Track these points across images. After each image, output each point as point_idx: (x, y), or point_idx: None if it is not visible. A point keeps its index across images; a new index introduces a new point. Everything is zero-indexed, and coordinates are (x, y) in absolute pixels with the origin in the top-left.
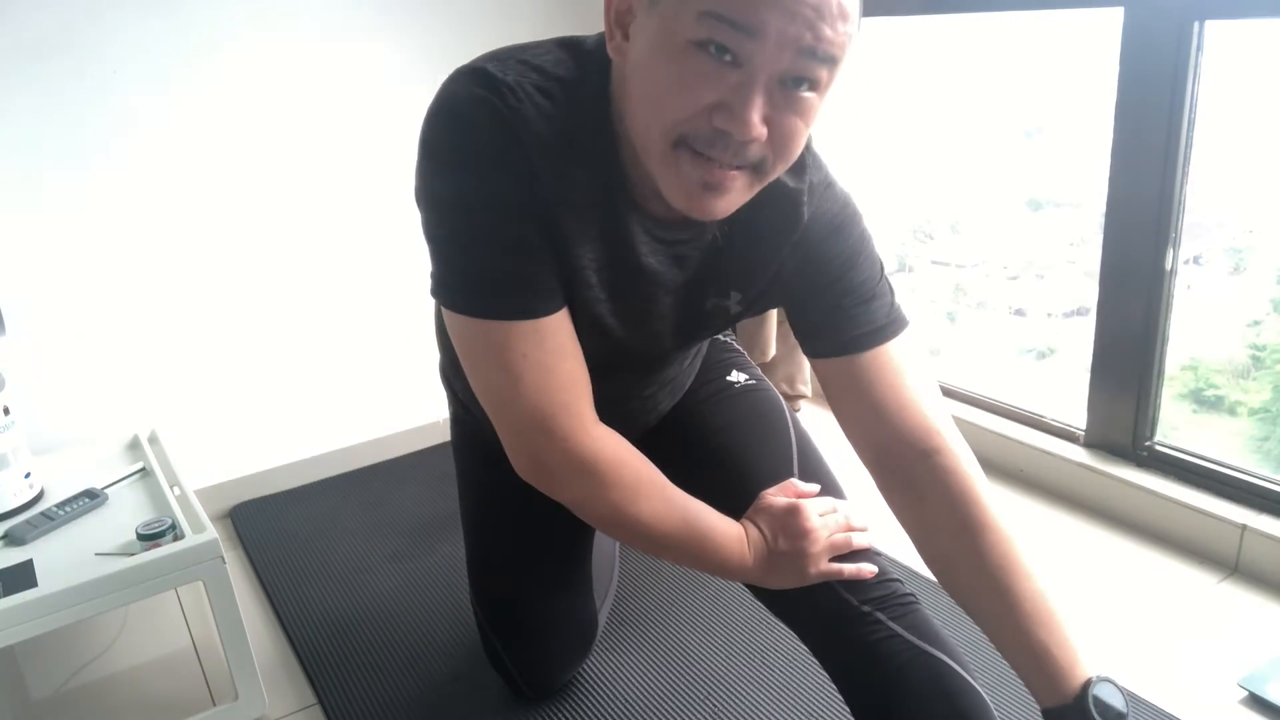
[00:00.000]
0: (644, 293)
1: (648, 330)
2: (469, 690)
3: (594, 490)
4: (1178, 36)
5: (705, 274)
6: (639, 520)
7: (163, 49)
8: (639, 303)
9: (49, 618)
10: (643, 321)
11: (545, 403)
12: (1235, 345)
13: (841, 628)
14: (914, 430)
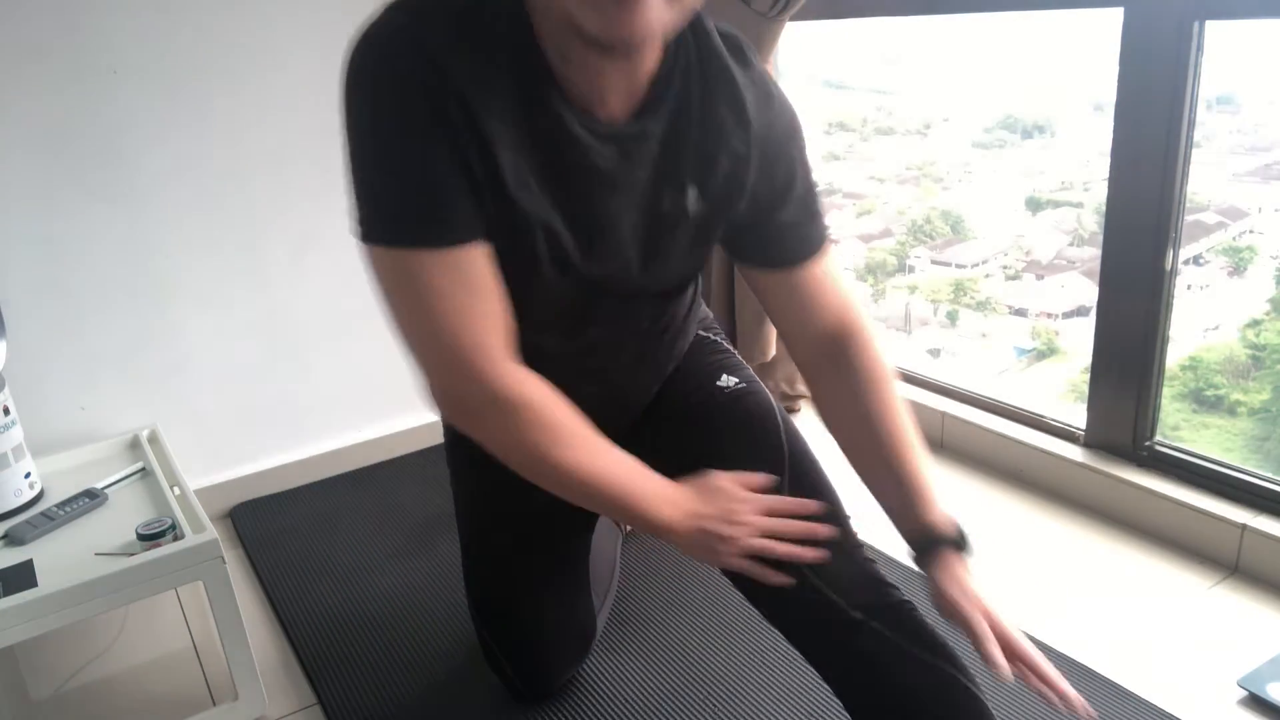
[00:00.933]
0: (595, 196)
1: (608, 245)
2: (469, 690)
3: (515, 431)
4: (1178, 36)
5: (657, 169)
6: (561, 466)
7: (163, 49)
8: (590, 207)
9: (49, 618)
10: (600, 232)
11: (463, 337)
12: (1235, 345)
13: (837, 635)
14: (844, 326)
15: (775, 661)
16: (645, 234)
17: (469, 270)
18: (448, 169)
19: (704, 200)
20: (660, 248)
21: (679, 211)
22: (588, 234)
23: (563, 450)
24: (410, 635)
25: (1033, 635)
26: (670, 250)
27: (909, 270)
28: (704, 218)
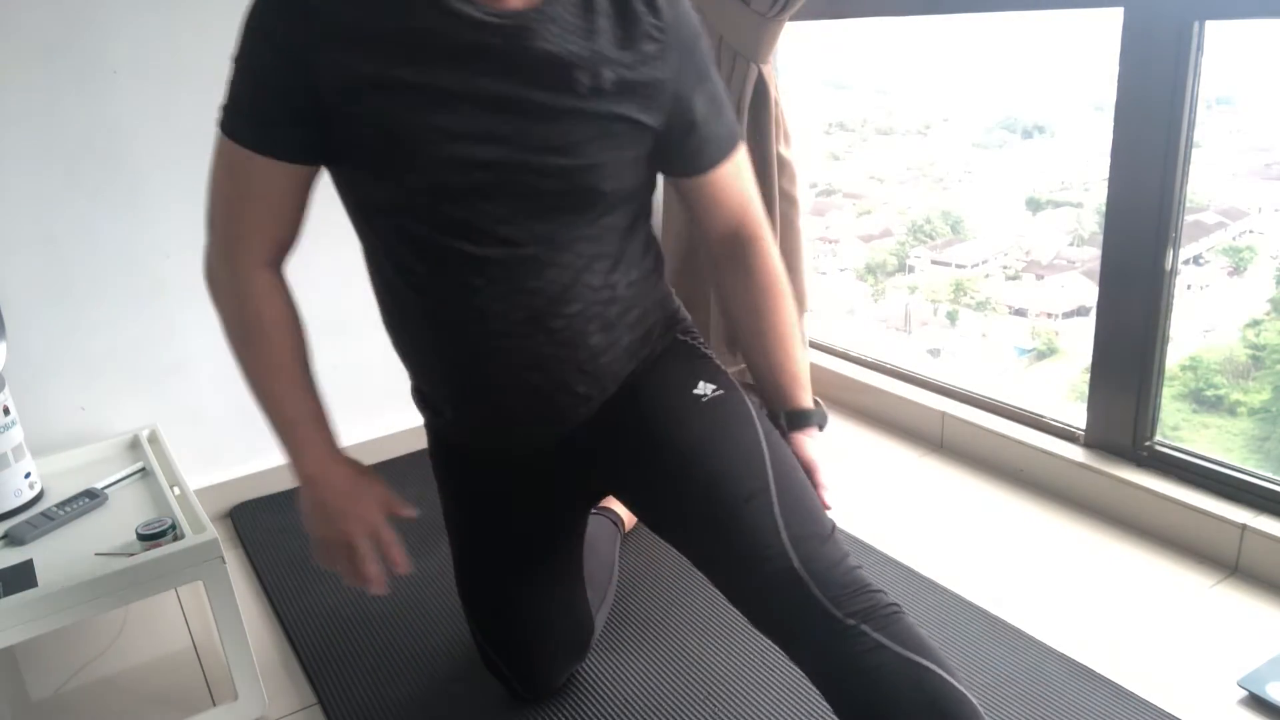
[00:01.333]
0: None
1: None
2: (469, 690)
3: (230, 321)
4: (1178, 36)
5: (563, 51)
6: (249, 375)
7: (163, 49)
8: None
9: (49, 618)
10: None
11: (230, 225)
12: (1235, 345)
13: (826, 640)
14: (744, 229)
15: (775, 662)
16: (550, 116)
17: (256, 176)
18: (273, 90)
19: (622, 85)
20: (563, 135)
21: (587, 90)
22: (482, 114)
23: (255, 361)
24: (410, 635)
25: (1032, 634)
26: (573, 137)
27: (909, 270)
28: (614, 102)
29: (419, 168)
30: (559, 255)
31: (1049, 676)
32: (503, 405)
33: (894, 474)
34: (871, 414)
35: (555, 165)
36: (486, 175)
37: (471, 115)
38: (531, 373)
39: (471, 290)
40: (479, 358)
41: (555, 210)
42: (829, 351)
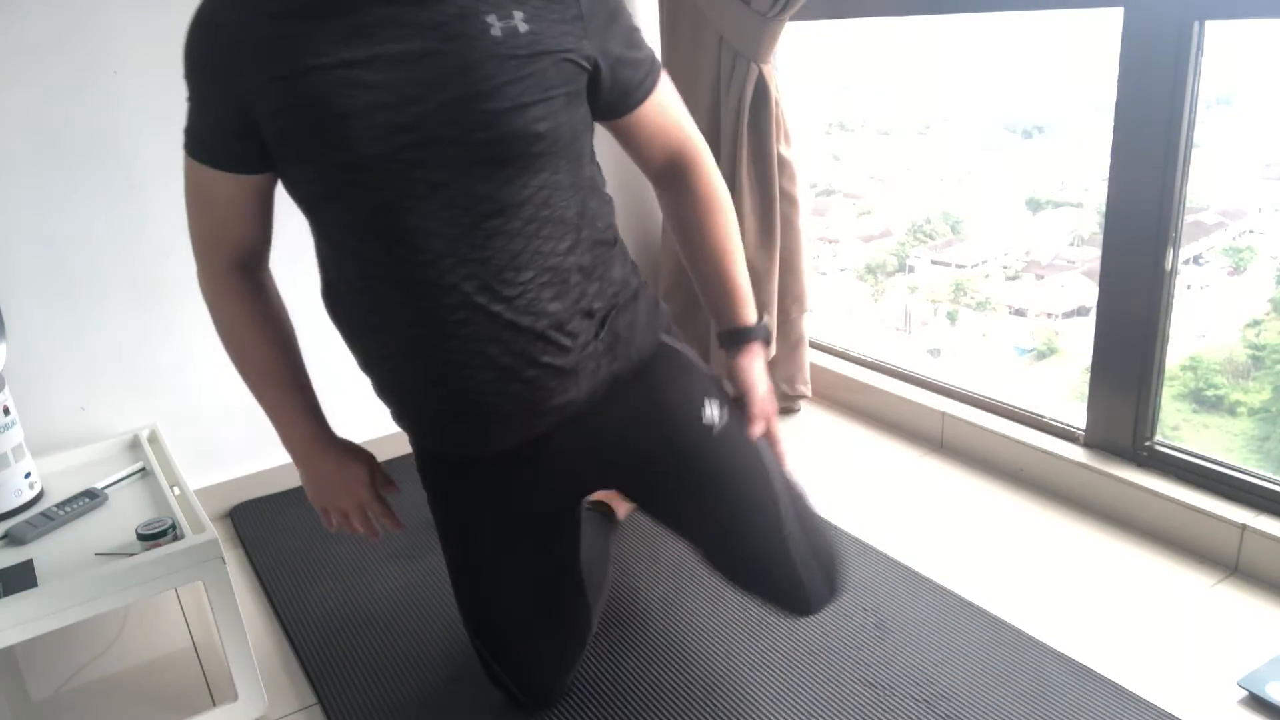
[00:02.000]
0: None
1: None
2: (469, 690)
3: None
4: (1178, 36)
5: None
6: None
7: (163, 49)
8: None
9: (49, 618)
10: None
11: (203, 236)
12: (1235, 345)
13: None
14: (683, 155)
15: (775, 661)
16: (465, 64)
17: (216, 190)
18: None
19: (534, 21)
20: (478, 80)
21: (502, 34)
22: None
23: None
24: (410, 635)
25: (1032, 634)
26: (496, 80)
27: (909, 270)
28: (532, 42)
29: (342, 145)
30: (505, 221)
31: (1049, 676)
32: (471, 388)
33: (894, 474)
34: (871, 414)
35: (480, 113)
36: (410, 137)
37: (383, 84)
38: (491, 346)
39: (420, 265)
40: (438, 337)
41: (490, 163)
42: (829, 351)
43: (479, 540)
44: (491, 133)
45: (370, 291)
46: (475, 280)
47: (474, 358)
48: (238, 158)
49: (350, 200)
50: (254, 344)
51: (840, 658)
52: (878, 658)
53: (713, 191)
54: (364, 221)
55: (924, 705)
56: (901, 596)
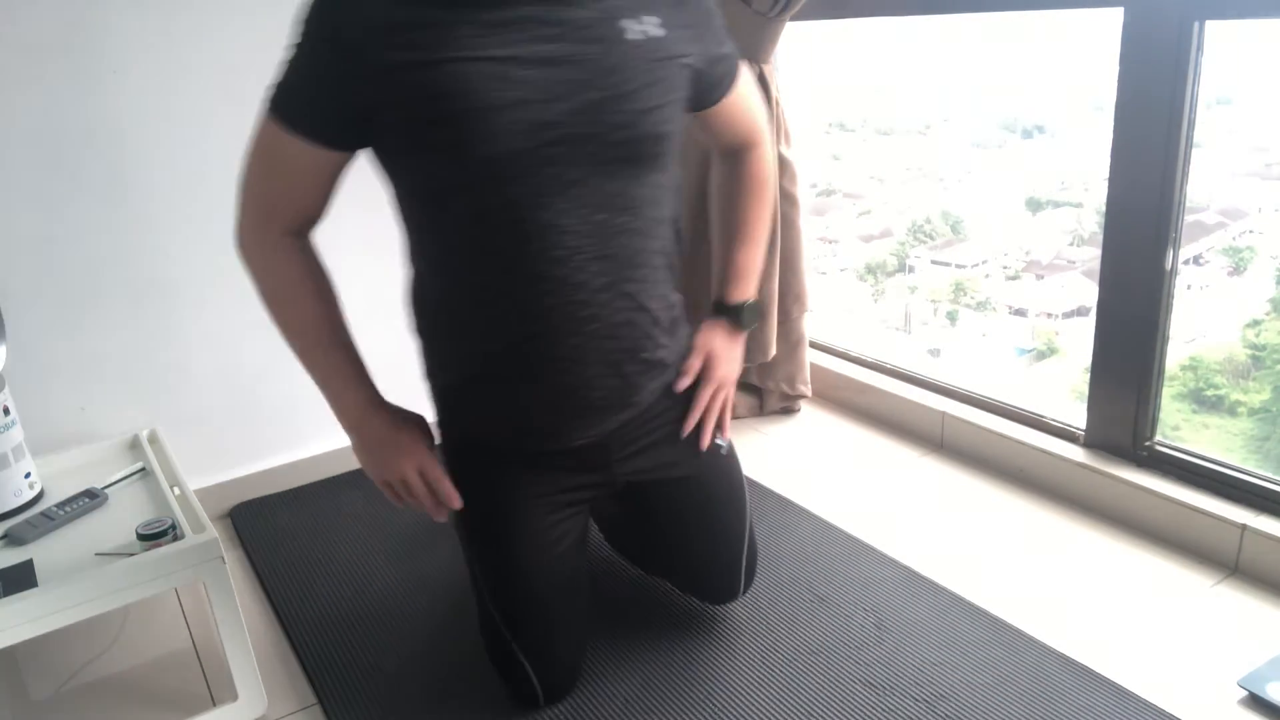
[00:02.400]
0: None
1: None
2: (469, 690)
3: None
4: (1178, 36)
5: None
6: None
7: (163, 48)
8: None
9: (49, 618)
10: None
11: (266, 198)
12: (1235, 345)
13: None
14: (752, 134)
15: (775, 661)
16: (606, 67)
17: (297, 158)
18: (327, 84)
19: (665, 28)
20: (619, 82)
21: (638, 38)
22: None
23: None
24: (410, 635)
25: (1032, 634)
26: (635, 82)
27: (909, 270)
28: (665, 46)
29: (487, 138)
30: (630, 219)
31: (1049, 676)
32: (579, 384)
33: (894, 474)
34: (871, 414)
35: (620, 113)
36: (554, 134)
37: (529, 80)
38: (607, 341)
39: (553, 261)
40: (559, 331)
41: (623, 164)
42: (829, 351)
43: (519, 524)
44: (629, 133)
45: (488, 287)
46: (604, 277)
47: (590, 353)
48: (337, 133)
49: (484, 194)
50: (305, 304)
51: (840, 657)
52: (878, 658)
53: (761, 176)
54: (495, 216)
55: (924, 705)
56: (902, 596)
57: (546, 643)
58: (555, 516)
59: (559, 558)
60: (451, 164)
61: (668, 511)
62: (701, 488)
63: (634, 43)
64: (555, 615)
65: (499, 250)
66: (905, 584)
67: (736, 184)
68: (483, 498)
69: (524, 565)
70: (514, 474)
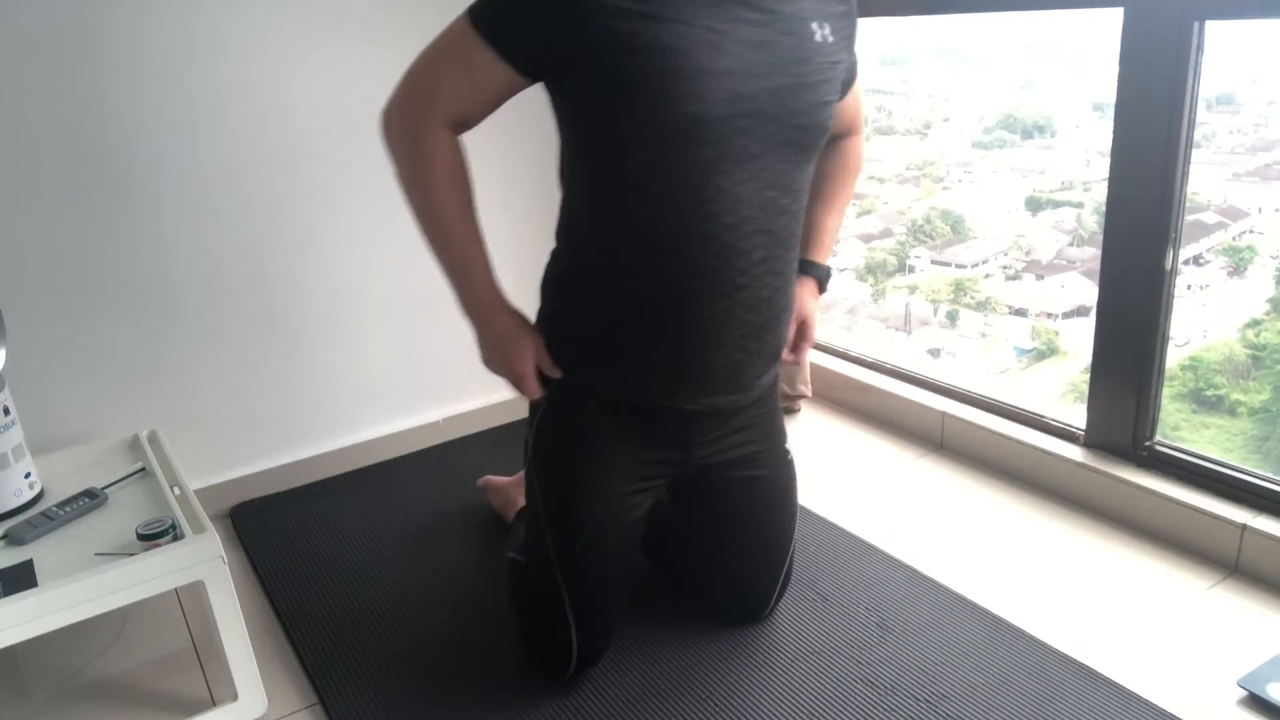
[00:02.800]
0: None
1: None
2: (469, 689)
3: (406, 165)
4: (1178, 36)
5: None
6: (420, 215)
7: (162, 48)
8: (753, 31)
9: (49, 618)
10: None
11: (437, 92)
12: (1235, 345)
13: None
14: (855, 124)
15: (775, 661)
16: (799, 58)
17: (482, 70)
18: (541, 13)
19: (834, 35)
20: (806, 73)
21: (825, 45)
22: (752, 51)
23: (428, 204)
24: (411, 634)
25: (1033, 634)
26: (814, 76)
27: (909, 270)
28: (835, 50)
29: (694, 97)
30: (790, 202)
31: (1050, 676)
32: (711, 347)
33: (894, 474)
34: (871, 414)
35: (804, 100)
36: (748, 106)
37: (737, 54)
38: (748, 314)
39: (726, 226)
40: (713, 291)
41: (795, 148)
42: (829, 351)
43: (603, 483)
44: (807, 119)
45: (656, 243)
46: (763, 251)
47: (732, 320)
48: (534, 61)
49: (676, 151)
50: (449, 189)
51: (842, 657)
52: (880, 657)
53: (855, 156)
54: (680, 175)
55: (926, 705)
56: (903, 596)
57: (597, 604)
58: (632, 486)
59: (630, 526)
60: (653, 116)
61: (728, 508)
62: (768, 492)
63: (817, 43)
64: (612, 580)
65: (677, 207)
66: (907, 583)
67: (835, 163)
68: (572, 446)
69: (600, 523)
70: (606, 436)
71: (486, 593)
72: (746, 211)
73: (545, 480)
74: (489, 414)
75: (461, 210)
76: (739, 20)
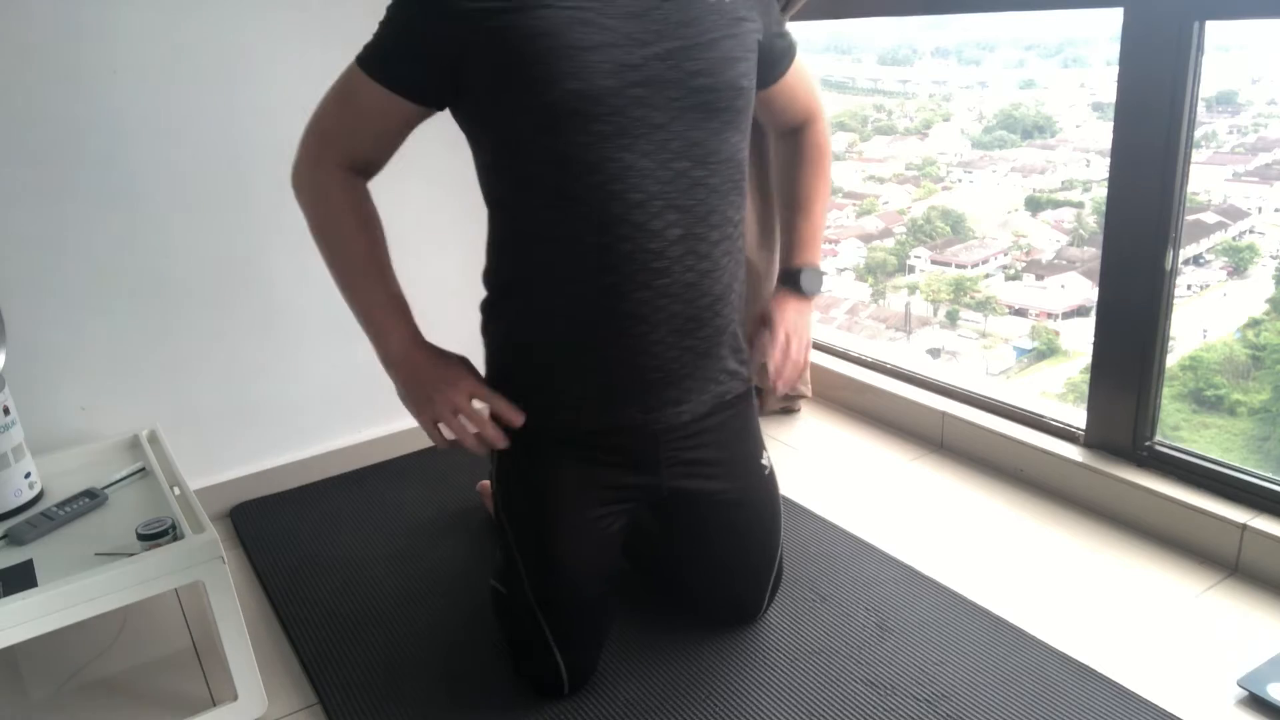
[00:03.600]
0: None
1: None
2: (469, 690)
3: (312, 216)
4: (1178, 36)
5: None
6: (330, 266)
7: (163, 49)
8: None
9: (49, 618)
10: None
11: (334, 136)
12: (1235, 345)
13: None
14: (811, 109)
15: (775, 662)
16: (687, 19)
17: (375, 106)
18: (426, 41)
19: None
20: (698, 33)
21: (714, 1)
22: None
23: (335, 255)
24: (411, 635)
25: (1033, 634)
26: (710, 35)
27: (909, 270)
28: (736, 8)
29: (574, 75)
30: (707, 174)
31: (1050, 676)
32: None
33: (894, 474)
34: (871, 414)
35: (700, 60)
36: (637, 75)
37: (612, 26)
38: (675, 303)
39: (632, 205)
40: (631, 286)
41: (704, 113)
42: (829, 351)
43: (567, 511)
44: (709, 80)
45: (566, 239)
46: (679, 229)
47: (658, 312)
48: (419, 85)
49: (570, 133)
50: (354, 235)
51: (842, 657)
52: (879, 657)
53: (821, 144)
54: (578, 158)
55: (926, 704)
56: (903, 596)
57: (579, 632)
58: (601, 510)
59: (604, 547)
60: (540, 103)
61: (703, 530)
62: (744, 510)
63: (710, 3)
64: (591, 604)
65: (579, 196)
66: (907, 583)
67: (799, 155)
68: (532, 482)
69: (571, 555)
70: (566, 464)
71: (486, 593)
72: (653, 187)
73: (511, 514)
74: None
75: (366, 255)
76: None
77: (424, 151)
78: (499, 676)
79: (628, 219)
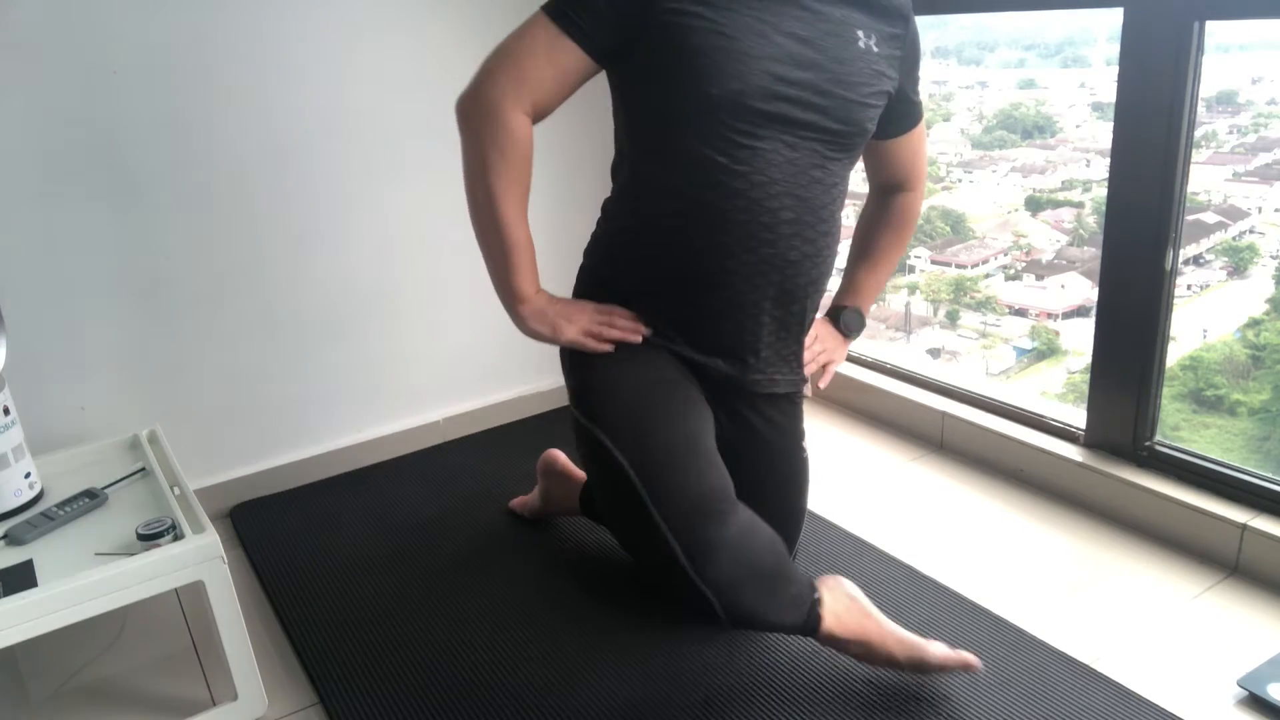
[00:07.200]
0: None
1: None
2: (469, 690)
3: (479, 144)
4: (1178, 36)
5: (849, 13)
6: (487, 194)
7: (163, 48)
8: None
9: (49, 618)
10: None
11: (518, 75)
12: (1235, 345)
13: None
14: (913, 178)
15: (775, 661)
16: (843, 57)
17: (554, 53)
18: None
19: (879, 48)
20: (847, 73)
21: (869, 52)
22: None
23: (495, 184)
24: (411, 634)
25: (1033, 633)
26: (855, 78)
27: (909, 270)
28: (879, 61)
29: (737, 76)
30: (823, 174)
31: (1050, 676)
32: (738, 300)
33: (894, 474)
34: (871, 414)
35: (843, 97)
36: (788, 91)
37: (780, 43)
38: (774, 273)
39: (750, 184)
40: (741, 244)
41: (831, 142)
42: None
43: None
44: (843, 115)
45: (692, 195)
46: (791, 213)
47: (758, 275)
48: (606, 47)
49: (723, 120)
50: (523, 176)
51: (842, 657)
52: None
53: (912, 213)
54: (723, 138)
55: (926, 705)
56: (902, 596)
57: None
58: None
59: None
60: (701, 91)
61: (753, 457)
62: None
63: (860, 49)
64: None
65: (714, 165)
66: (907, 583)
67: (887, 215)
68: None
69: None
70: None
71: (487, 592)
72: (776, 174)
73: (581, 374)
74: (489, 414)
75: (524, 196)
76: (786, 15)
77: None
78: (500, 676)
79: (748, 194)
